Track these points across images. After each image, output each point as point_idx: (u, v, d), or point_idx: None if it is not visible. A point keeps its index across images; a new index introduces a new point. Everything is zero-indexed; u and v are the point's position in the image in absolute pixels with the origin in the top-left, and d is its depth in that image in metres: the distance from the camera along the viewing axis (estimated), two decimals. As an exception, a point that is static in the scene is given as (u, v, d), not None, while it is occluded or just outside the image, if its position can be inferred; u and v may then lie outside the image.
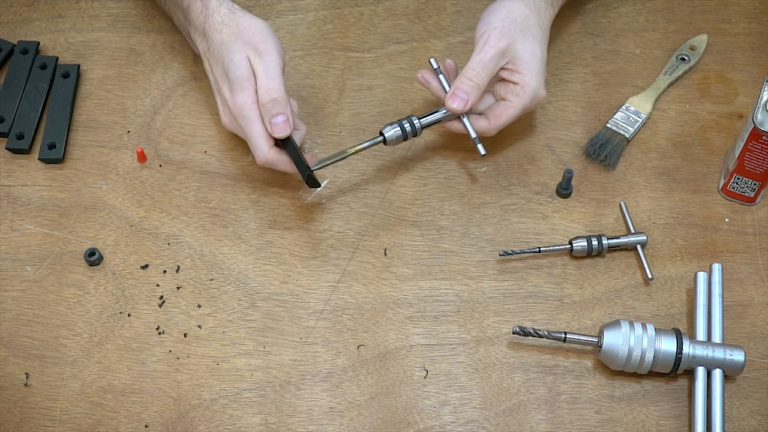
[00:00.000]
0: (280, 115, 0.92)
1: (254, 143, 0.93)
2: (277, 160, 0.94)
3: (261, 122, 0.93)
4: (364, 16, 1.15)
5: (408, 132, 0.98)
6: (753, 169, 0.98)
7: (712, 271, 0.93)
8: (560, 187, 1.01)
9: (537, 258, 0.98)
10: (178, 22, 1.06)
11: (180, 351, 0.92)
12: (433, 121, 0.99)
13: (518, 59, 0.96)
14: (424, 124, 0.98)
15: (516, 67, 0.97)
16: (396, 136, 0.97)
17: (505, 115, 0.97)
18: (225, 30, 0.96)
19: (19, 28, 1.13)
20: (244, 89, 0.93)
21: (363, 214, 1.01)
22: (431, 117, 0.99)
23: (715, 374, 0.88)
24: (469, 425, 0.89)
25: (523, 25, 0.97)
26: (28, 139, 1.04)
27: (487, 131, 0.99)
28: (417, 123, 0.98)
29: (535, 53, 0.97)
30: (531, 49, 0.97)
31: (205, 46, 0.99)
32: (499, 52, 0.96)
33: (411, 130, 0.98)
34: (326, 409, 0.90)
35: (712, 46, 1.13)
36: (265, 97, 0.93)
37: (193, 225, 1.00)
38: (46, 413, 0.89)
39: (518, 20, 0.97)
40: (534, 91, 0.97)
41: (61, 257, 0.98)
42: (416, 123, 0.98)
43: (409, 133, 0.98)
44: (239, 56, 0.94)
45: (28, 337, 0.93)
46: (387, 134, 0.97)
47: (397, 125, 0.97)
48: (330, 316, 0.95)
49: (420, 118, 0.98)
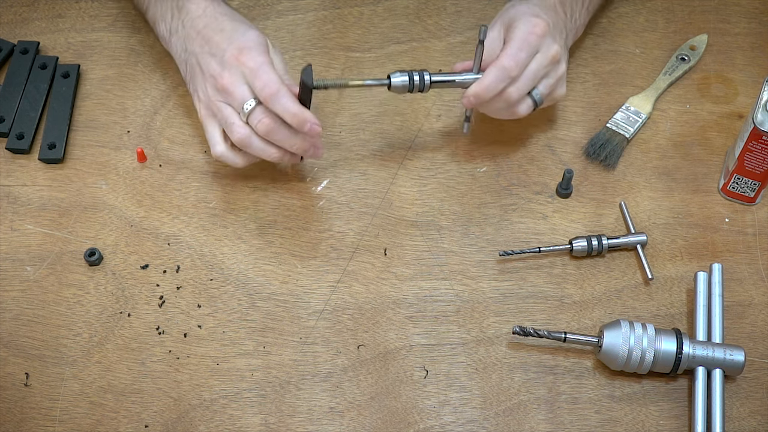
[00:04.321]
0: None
1: (265, 75, 0.90)
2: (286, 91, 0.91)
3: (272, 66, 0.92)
4: (364, 16, 1.15)
5: (415, 83, 0.95)
6: (753, 169, 0.98)
7: (712, 271, 0.93)
8: (560, 187, 1.01)
9: (537, 258, 0.98)
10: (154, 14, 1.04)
11: (180, 351, 0.92)
12: (444, 81, 0.96)
13: (508, 21, 0.97)
14: (434, 80, 0.96)
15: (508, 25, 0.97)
16: (402, 84, 0.94)
17: (507, 46, 0.94)
18: (232, 13, 0.98)
19: (19, 28, 1.13)
20: (260, 50, 0.93)
21: (363, 214, 1.01)
22: (443, 77, 0.96)
23: (715, 374, 0.88)
24: (469, 425, 0.89)
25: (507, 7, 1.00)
26: (28, 139, 1.04)
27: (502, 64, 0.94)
28: (427, 78, 0.95)
29: (518, 9, 0.97)
30: (515, 10, 0.98)
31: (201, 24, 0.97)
32: (496, 35, 0.97)
33: (419, 82, 0.95)
34: (326, 409, 0.90)
35: (712, 46, 1.13)
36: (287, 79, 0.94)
37: (193, 225, 1.00)
38: (46, 413, 0.89)
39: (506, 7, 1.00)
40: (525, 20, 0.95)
41: (61, 257, 0.98)
42: (426, 77, 0.95)
43: (416, 86, 0.95)
44: (257, 32, 0.95)
45: (28, 337, 0.93)
46: (393, 79, 0.95)
47: (406, 74, 0.95)
48: (330, 316, 0.95)
49: (433, 74, 0.96)
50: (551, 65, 0.97)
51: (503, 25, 0.98)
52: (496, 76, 0.94)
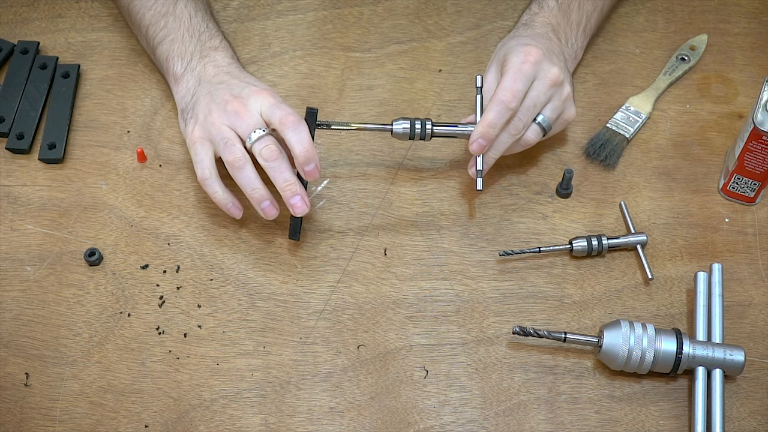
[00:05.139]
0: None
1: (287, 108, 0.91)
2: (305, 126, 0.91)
3: None
4: (364, 16, 1.15)
5: (416, 133, 0.95)
6: (753, 169, 0.98)
7: (712, 271, 0.93)
8: (560, 187, 1.01)
9: (537, 258, 0.98)
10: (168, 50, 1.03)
11: (180, 351, 0.92)
12: (446, 133, 0.96)
13: (502, 57, 0.98)
14: (436, 132, 0.96)
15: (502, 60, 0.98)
16: (402, 132, 0.95)
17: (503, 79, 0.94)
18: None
19: (19, 28, 1.13)
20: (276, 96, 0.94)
21: (363, 214, 1.01)
22: (446, 129, 0.96)
23: (715, 374, 0.88)
24: (469, 425, 0.89)
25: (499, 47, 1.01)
26: (28, 139, 1.04)
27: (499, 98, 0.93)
28: (429, 128, 0.96)
29: (511, 45, 0.97)
30: (508, 45, 0.98)
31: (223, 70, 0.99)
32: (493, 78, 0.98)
33: (420, 131, 0.95)
34: (326, 409, 0.90)
35: (712, 46, 1.13)
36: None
37: (193, 225, 1.00)
38: (46, 413, 0.89)
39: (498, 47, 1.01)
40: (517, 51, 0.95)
41: (61, 257, 0.98)
42: (428, 128, 0.96)
43: (417, 135, 0.95)
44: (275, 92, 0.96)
45: (28, 337, 0.93)
46: (395, 126, 0.95)
47: (408, 122, 0.95)
48: (330, 316, 0.95)
49: (435, 125, 0.96)
50: (553, 88, 0.96)
51: (498, 64, 0.98)
52: (495, 111, 0.93)
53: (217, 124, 0.93)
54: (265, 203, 0.93)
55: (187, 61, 1.01)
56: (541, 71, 0.95)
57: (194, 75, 1.00)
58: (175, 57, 1.02)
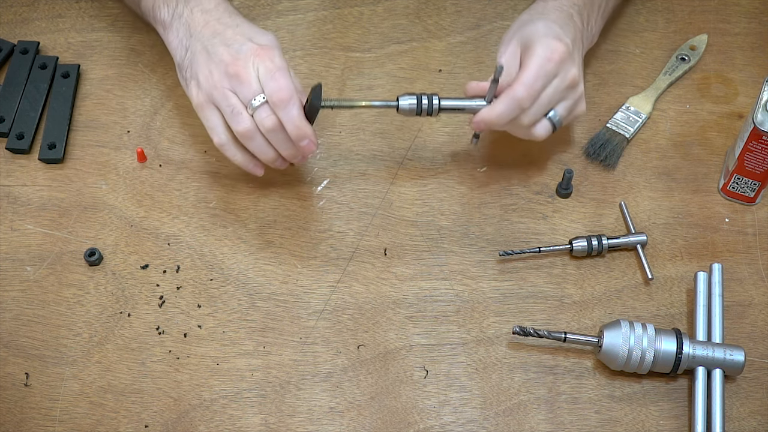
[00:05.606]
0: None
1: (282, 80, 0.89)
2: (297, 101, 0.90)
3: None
4: (364, 16, 1.15)
5: (423, 107, 0.94)
6: (753, 169, 0.98)
7: (712, 271, 0.93)
8: (560, 187, 1.01)
9: (537, 258, 0.98)
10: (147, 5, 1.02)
11: (180, 351, 0.92)
12: (453, 106, 0.95)
13: (525, 40, 0.95)
14: (443, 106, 0.95)
15: (525, 44, 0.95)
16: (409, 107, 0.94)
17: (522, 74, 0.92)
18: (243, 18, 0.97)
19: (19, 28, 1.13)
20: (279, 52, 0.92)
21: (363, 214, 1.01)
22: (452, 102, 0.95)
23: (715, 374, 0.88)
24: (469, 425, 0.89)
25: (521, 24, 0.97)
26: (28, 139, 1.04)
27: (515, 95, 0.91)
28: (436, 102, 0.94)
29: (536, 27, 0.94)
30: (533, 28, 0.95)
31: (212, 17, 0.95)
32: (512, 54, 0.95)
33: (427, 106, 0.94)
34: (326, 409, 0.90)
35: (712, 46, 1.13)
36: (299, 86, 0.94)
37: (193, 225, 1.00)
38: (46, 413, 0.89)
39: (517, 25, 0.97)
40: (544, 44, 0.92)
41: (61, 257, 0.98)
42: (435, 101, 0.94)
43: (424, 110, 0.94)
44: (273, 35, 0.94)
45: (28, 337, 0.93)
46: (401, 101, 0.94)
47: (415, 97, 0.94)
48: (330, 316, 0.95)
49: (442, 99, 0.95)
50: (569, 89, 0.95)
51: (520, 43, 0.95)
52: (507, 105, 0.92)
53: (219, 88, 0.92)
54: (277, 162, 0.95)
55: (173, 6, 0.99)
56: (562, 71, 0.94)
57: (182, 23, 0.97)
58: (160, 4, 1.00)
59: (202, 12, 0.96)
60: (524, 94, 0.91)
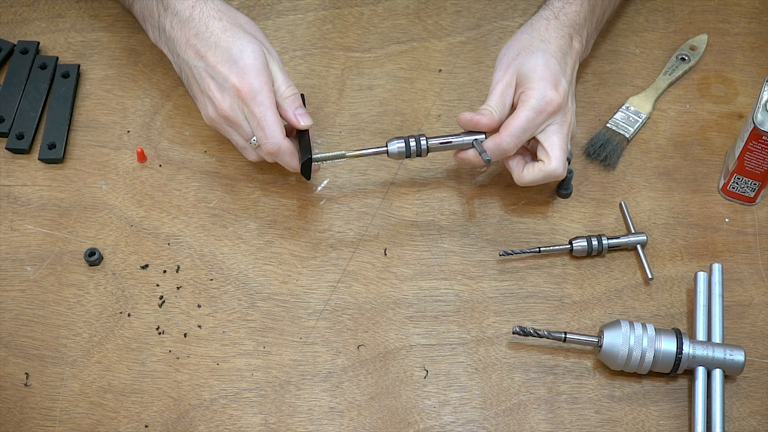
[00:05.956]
0: (301, 108, 0.96)
1: (268, 130, 0.93)
2: (287, 150, 0.94)
3: (275, 110, 0.93)
4: (364, 16, 1.15)
5: (412, 150, 0.96)
6: (753, 169, 0.98)
7: (712, 271, 0.93)
8: (560, 187, 1.01)
9: (537, 258, 0.98)
10: (141, 10, 1.04)
11: (180, 351, 0.92)
12: (442, 144, 0.96)
13: (522, 76, 0.95)
14: (431, 146, 0.96)
15: (522, 81, 0.95)
16: (399, 151, 0.96)
17: (512, 123, 0.93)
18: (225, 18, 0.96)
19: (19, 28, 1.13)
20: (262, 75, 0.93)
21: (363, 214, 1.01)
22: (441, 140, 0.96)
23: (715, 374, 0.88)
24: (469, 425, 0.89)
25: (521, 48, 0.97)
26: (28, 139, 1.04)
27: (500, 144, 0.94)
28: (424, 143, 0.96)
29: (536, 64, 0.94)
30: (532, 63, 0.95)
31: (191, 32, 0.96)
32: (507, 84, 0.95)
33: (416, 149, 0.96)
34: (326, 409, 0.90)
35: (712, 46, 1.13)
36: (288, 91, 0.95)
37: (193, 225, 1.00)
38: (46, 413, 0.89)
39: (516, 47, 0.97)
40: (540, 93, 0.92)
41: (61, 257, 0.98)
42: (423, 143, 0.96)
43: (413, 152, 0.96)
44: (254, 45, 0.94)
45: (28, 337, 0.93)
46: (390, 147, 0.96)
47: (403, 140, 0.96)
48: (330, 316, 0.95)
49: (429, 138, 0.96)
50: (563, 130, 0.95)
51: (516, 74, 0.95)
52: (491, 151, 0.94)
53: (218, 123, 0.97)
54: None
55: (155, 18, 1.01)
56: (556, 117, 0.94)
57: (166, 40, 1.00)
58: (146, 16, 1.03)
59: (180, 25, 0.97)
60: (510, 145, 0.94)
